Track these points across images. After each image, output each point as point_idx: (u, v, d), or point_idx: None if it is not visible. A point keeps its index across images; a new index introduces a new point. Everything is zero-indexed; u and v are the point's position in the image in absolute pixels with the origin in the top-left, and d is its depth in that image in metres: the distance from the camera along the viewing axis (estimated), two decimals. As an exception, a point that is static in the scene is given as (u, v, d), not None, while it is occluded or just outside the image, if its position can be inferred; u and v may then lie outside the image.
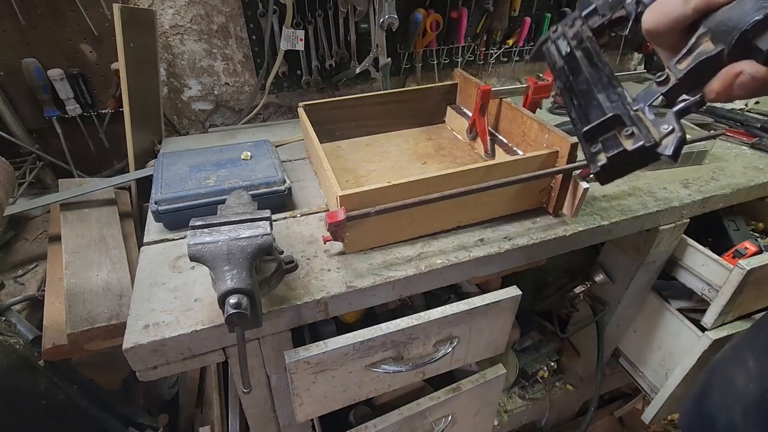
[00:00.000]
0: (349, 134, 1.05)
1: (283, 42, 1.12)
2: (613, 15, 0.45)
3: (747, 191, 0.92)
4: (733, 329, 0.93)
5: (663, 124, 0.37)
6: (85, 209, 0.97)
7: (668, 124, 0.37)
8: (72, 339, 0.73)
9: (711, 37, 0.35)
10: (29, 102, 1.06)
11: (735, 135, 1.10)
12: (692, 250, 0.94)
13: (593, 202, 0.85)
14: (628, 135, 0.39)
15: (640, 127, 0.38)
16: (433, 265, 0.70)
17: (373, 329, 0.68)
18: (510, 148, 0.90)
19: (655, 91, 0.38)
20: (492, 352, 0.85)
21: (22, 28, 0.98)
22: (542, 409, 1.30)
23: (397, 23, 1.09)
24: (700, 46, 0.36)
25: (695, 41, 0.36)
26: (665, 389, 1.03)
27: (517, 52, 1.42)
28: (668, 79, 0.37)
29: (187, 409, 1.14)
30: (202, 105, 1.23)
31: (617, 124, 0.40)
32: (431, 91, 1.07)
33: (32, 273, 0.92)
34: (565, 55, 0.48)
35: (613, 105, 0.41)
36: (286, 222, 0.80)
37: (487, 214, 0.79)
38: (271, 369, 0.72)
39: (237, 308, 0.50)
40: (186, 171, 0.82)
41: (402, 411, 0.82)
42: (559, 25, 0.50)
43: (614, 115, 0.40)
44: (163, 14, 1.08)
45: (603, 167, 0.40)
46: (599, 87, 0.43)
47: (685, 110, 0.38)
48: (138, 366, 0.58)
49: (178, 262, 0.71)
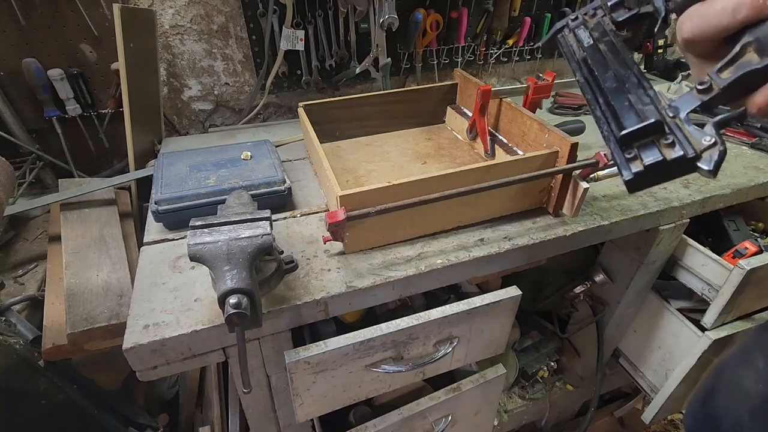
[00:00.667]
0: (349, 134, 1.05)
1: (283, 42, 1.12)
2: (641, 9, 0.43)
3: (747, 191, 0.92)
4: (733, 329, 0.93)
5: (704, 135, 0.35)
6: (85, 209, 0.97)
7: (710, 136, 0.35)
8: (72, 339, 0.73)
9: (756, 48, 0.33)
10: (29, 102, 1.06)
11: (735, 135, 1.10)
12: (692, 250, 0.94)
13: (593, 202, 0.85)
14: (668, 144, 0.36)
15: (680, 136, 0.36)
16: (433, 265, 0.70)
17: (373, 329, 0.68)
18: (510, 148, 0.90)
19: (696, 99, 0.36)
20: (492, 352, 0.85)
21: (22, 28, 0.98)
22: (542, 409, 1.30)
23: (397, 23, 1.09)
24: (744, 56, 0.34)
25: (739, 50, 0.34)
26: (665, 389, 1.03)
27: (517, 52, 1.42)
28: (711, 88, 0.35)
29: (187, 409, 1.13)
30: (202, 105, 1.23)
31: (657, 131, 0.37)
32: (431, 91, 1.07)
33: (32, 273, 0.92)
34: (587, 47, 0.45)
35: (647, 108, 0.38)
36: (286, 222, 0.80)
37: (487, 214, 0.79)
38: (271, 369, 0.71)
39: (237, 308, 0.50)
40: (186, 171, 0.82)
41: (402, 411, 0.82)
42: (578, 13, 0.48)
43: (656, 122, 0.37)
44: (163, 14, 1.08)
45: (638, 175, 0.37)
46: (629, 86, 0.40)
47: (725, 122, 0.36)
48: (138, 366, 0.58)
49: (178, 262, 0.71)
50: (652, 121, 0.37)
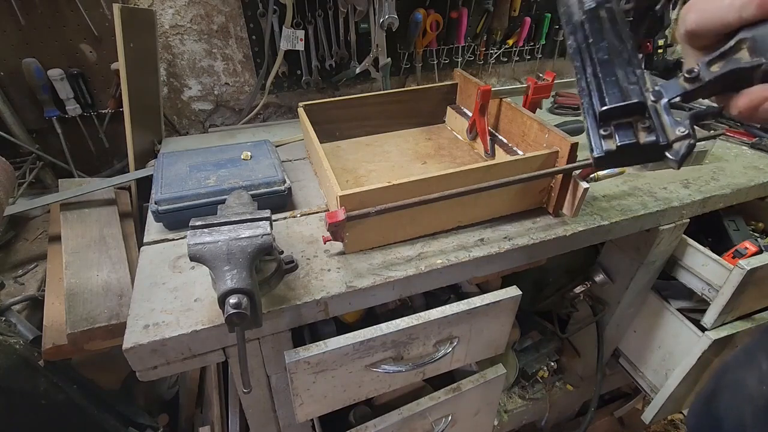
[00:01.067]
0: (349, 134, 1.05)
1: (283, 42, 1.12)
2: None
3: (747, 191, 0.92)
4: (733, 329, 0.93)
5: (679, 126, 0.36)
6: (85, 209, 0.97)
7: (684, 127, 0.35)
8: (72, 339, 0.73)
9: (750, 46, 0.33)
10: (29, 102, 1.06)
11: (735, 135, 1.10)
12: (692, 250, 0.94)
13: (593, 202, 0.85)
14: (645, 127, 0.37)
15: (656, 122, 0.36)
16: (433, 265, 0.70)
17: (373, 329, 0.68)
18: (510, 148, 0.90)
19: (681, 87, 0.36)
20: (492, 352, 0.85)
21: (22, 28, 0.98)
22: (542, 409, 1.30)
23: (397, 23, 1.09)
24: (737, 53, 0.33)
25: (733, 45, 0.33)
26: (665, 389, 1.03)
27: (517, 52, 1.42)
28: (698, 78, 0.35)
29: (187, 409, 1.14)
30: (202, 105, 1.23)
31: (637, 112, 0.37)
32: (431, 91, 1.07)
33: (32, 273, 0.92)
34: (587, 9, 0.43)
35: (632, 88, 0.38)
36: (286, 222, 0.80)
37: (487, 214, 0.79)
38: (271, 369, 0.71)
39: (237, 308, 0.50)
40: (186, 171, 0.82)
41: (402, 411, 0.82)
42: None
43: (638, 102, 0.37)
44: (163, 14, 1.08)
45: (608, 153, 0.38)
46: (619, 61, 0.40)
47: (701, 116, 0.36)
48: (138, 366, 0.58)
49: (178, 262, 0.71)
50: (634, 102, 0.37)
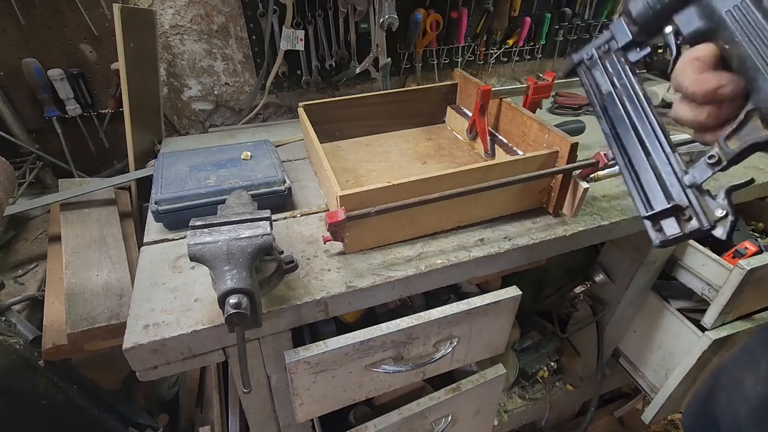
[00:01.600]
0: (349, 134, 1.05)
1: (283, 42, 1.12)
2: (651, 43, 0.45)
3: (747, 191, 0.92)
4: (733, 329, 0.93)
5: (717, 207, 0.39)
6: (85, 209, 0.97)
7: (722, 208, 0.39)
8: (72, 339, 0.73)
9: (761, 117, 0.35)
10: (29, 102, 1.06)
11: (735, 135, 1.10)
12: (692, 250, 0.94)
13: (593, 202, 0.85)
14: (686, 219, 0.41)
15: (696, 210, 0.40)
16: (433, 265, 0.70)
17: (373, 329, 0.68)
18: (510, 148, 0.90)
19: (708, 170, 0.40)
20: (492, 352, 0.85)
21: (22, 28, 0.98)
22: (542, 409, 1.30)
23: (397, 23, 1.09)
24: (749, 123, 0.36)
25: (744, 117, 0.36)
26: (665, 389, 1.03)
27: (517, 52, 1.42)
28: (720, 161, 0.38)
29: (187, 409, 1.13)
30: (202, 105, 1.23)
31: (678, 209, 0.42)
32: (431, 91, 1.07)
33: (32, 273, 0.92)
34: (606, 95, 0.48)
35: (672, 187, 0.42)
36: (286, 222, 0.80)
37: (487, 214, 0.79)
38: (271, 369, 0.72)
39: (237, 308, 0.50)
40: (186, 171, 0.82)
41: (402, 411, 0.82)
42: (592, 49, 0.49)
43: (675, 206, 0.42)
44: (163, 14, 1.08)
45: (663, 242, 0.43)
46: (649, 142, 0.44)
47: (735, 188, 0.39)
48: (138, 366, 0.58)
49: (178, 262, 0.71)
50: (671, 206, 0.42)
